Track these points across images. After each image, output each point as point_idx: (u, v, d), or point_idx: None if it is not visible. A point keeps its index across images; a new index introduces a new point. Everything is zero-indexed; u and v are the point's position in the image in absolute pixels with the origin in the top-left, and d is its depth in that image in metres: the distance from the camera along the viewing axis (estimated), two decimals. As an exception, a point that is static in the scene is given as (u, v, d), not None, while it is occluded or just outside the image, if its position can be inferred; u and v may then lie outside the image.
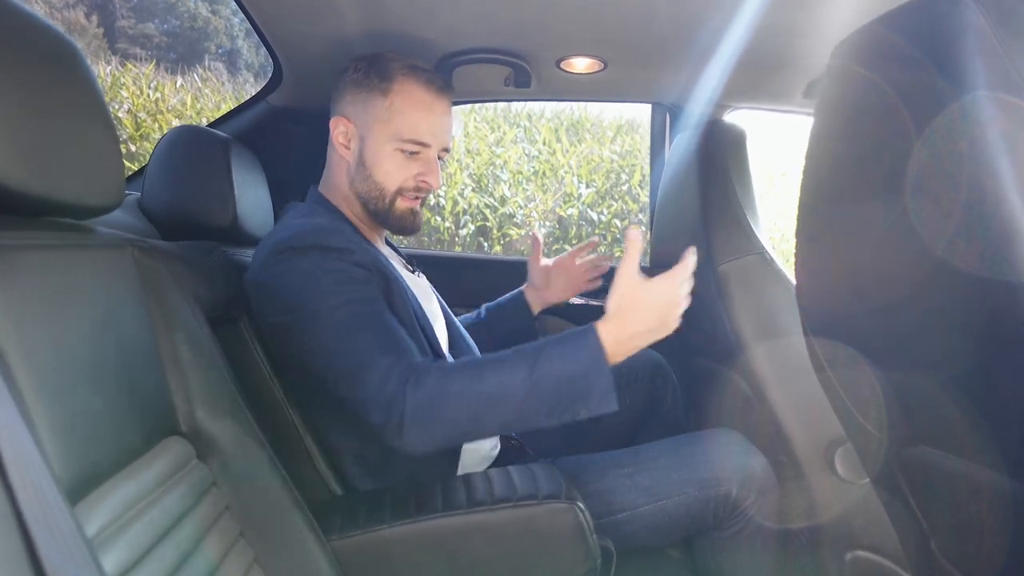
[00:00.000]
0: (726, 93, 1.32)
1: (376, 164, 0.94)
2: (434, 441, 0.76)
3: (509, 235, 4.80)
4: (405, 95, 0.93)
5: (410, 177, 0.95)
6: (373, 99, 0.93)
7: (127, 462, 0.57)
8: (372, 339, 0.79)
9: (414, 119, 0.93)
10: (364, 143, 0.95)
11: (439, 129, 0.95)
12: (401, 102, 0.93)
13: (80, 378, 0.52)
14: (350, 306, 0.81)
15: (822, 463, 1.10)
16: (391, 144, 0.93)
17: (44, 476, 0.38)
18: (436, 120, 0.94)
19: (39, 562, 0.31)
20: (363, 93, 0.94)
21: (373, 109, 0.94)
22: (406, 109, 0.93)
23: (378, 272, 0.88)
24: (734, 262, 1.15)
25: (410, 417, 0.74)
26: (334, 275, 0.82)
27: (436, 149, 0.96)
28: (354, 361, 0.78)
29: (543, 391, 0.75)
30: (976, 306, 0.48)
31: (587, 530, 0.78)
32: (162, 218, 1.10)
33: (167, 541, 0.58)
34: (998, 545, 0.56)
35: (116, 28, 10.44)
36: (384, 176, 0.94)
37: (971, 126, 0.46)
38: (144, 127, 5.07)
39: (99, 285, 0.60)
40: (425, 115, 0.93)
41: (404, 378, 0.75)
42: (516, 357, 0.78)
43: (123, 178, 0.63)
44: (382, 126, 0.93)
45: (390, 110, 0.93)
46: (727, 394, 1.21)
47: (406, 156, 0.94)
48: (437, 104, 0.95)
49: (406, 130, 0.93)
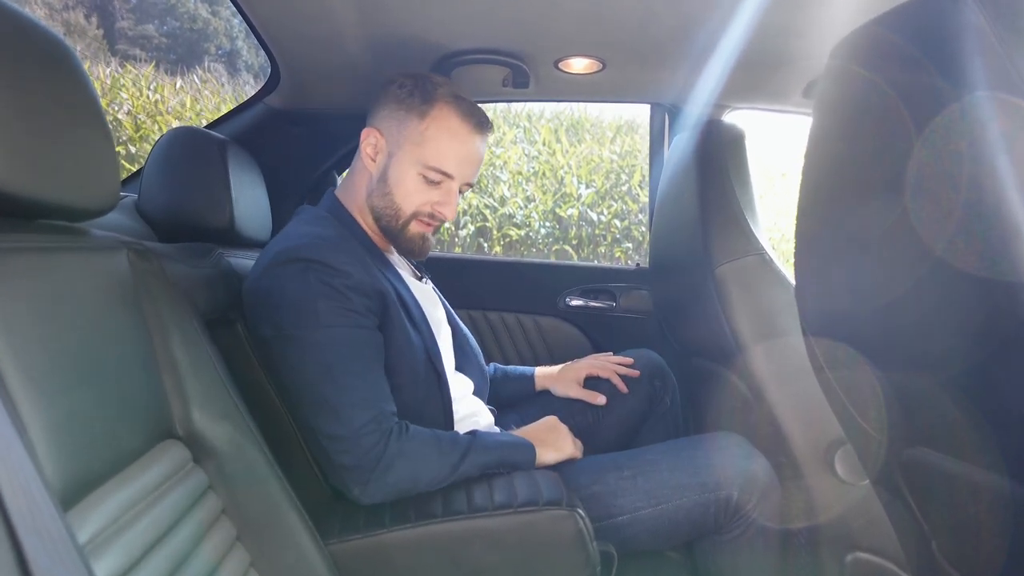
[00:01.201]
0: (725, 93, 1.32)
1: (398, 184, 0.94)
2: (388, 494, 0.82)
3: (509, 235, 4.80)
4: (442, 122, 0.93)
5: (428, 203, 0.95)
6: (410, 119, 0.93)
7: (122, 466, 0.57)
8: (354, 382, 0.81)
9: (445, 148, 0.93)
10: (391, 159, 0.95)
11: (467, 163, 0.95)
12: (436, 128, 0.93)
13: (74, 382, 0.52)
14: (339, 342, 0.82)
15: (822, 464, 1.10)
16: (416, 167, 0.93)
17: (35, 482, 0.37)
18: (466, 154, 0.94)
19: (28, 568, 0.31)
20: (402, 111, 0.94)
21: (407, 129, 0.94)
22: (440, 136, 0.93)
23: (376, 295, 0.87)
24: (733, 263, 1.15)
25: (383, 469, 0.79)
26: (329, 301, 0.82)
27: (459, 182, 0.96)
28: (333, 400, 0.80)
29: (478, 459, 0.87)
30: (976, 306, 0.48)
31: (587, 537, 0.78)
32: (159, 220, 1.10)
33: (163, 546, 0.58)
34: (998, 547, 0.56)
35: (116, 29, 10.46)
36: (403, 197, 0.94)
37: (971, 126, 0.45)
38: (144, 128, 5.07)
39: (94, 288, 0.59)
40: (457, 147, 0.93)
41: (386, 432, 0.80)
42: (460, 436, 0.89)
43: (118, 180, 0.63)
44: (412, 147, 0.93)
45: (424, 134, 0.93)
46: (726, 395, 1.20)
47: (428, 183, 0.94)
48: (471, 138, 0.95)
49: (434, 157, 0.93)
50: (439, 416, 0.93)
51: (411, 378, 0.90)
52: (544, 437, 0.96)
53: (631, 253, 4.87)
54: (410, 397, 0.88)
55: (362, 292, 0.85)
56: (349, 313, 0.83)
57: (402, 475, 0.81)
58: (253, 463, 0.71)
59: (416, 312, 0.94)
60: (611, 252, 4.89)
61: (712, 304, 1.17)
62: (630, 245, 4.89)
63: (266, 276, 0.85)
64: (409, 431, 0.83)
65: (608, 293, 1.69)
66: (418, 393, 0.90)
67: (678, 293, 1.36)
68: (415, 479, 0.82)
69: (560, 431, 0.99)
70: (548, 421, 1.01)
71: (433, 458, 0.83)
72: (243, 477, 0.70)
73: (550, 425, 1.00)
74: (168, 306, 0.69)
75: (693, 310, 1.28)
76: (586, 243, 4.89)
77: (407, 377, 0.89)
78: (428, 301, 1.02)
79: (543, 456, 0.93)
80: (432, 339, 0.95)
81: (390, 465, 0.79)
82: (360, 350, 0.83)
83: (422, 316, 0.95)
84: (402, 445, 0.80)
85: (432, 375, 0.92)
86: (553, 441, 0.96)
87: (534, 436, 0.95)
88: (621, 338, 1.58)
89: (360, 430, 0.79)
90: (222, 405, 0.70)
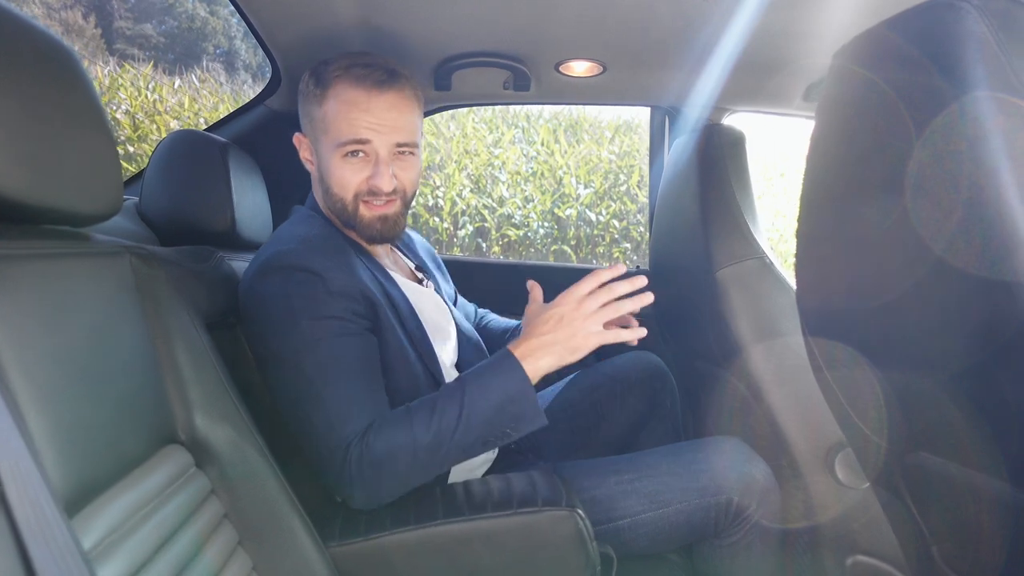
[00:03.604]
0: (725, 96, 1.32)
1: (330, 175, 0.91)
2: (380, 498, 0.79)
3: (508, 236, 4.80)
4: (337, 97, 0.88)
5: (363, 181, 0.90)
6: (312, 110, 0.90)
7: (126, 472, 0.57)
8: (331, 399, 0.78)
9: (346, 119, 0.87)
10: (318, 156, 0.92)
11: (377, 123, 0.88)
12: (334, 107, 0.88)
13: (78, 388, 0.52)
14: (321, 359, 0.79)
15: (822, 467, 1.10)
16: (334, 151, 0.89)
17: (41, 489, 0.37)
18: (374, 116, 0.88)
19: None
20: (307, 105, 0.91)
21: (315, 120, 0.91)
22: (339, 111, 0.88)
23: (363, 299, 0.84)
24: (734, 266, 1.15)
25: (358, 478, 0.76)
26: (312, 313, 0.80)
27: (384, 146, 0.89)
28: (310, 414, 0.79)
29: (476, 426, 0.78)
30: (976, 306, 0.48)
31: (587, 537, 0.78)
32: (160, 223, 1.10)
33: (166, 550, 0.58)
34: (998, 551, 0.56)
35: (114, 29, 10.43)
36: (339, 186, 0.90)
37: (971, 126, 0.46)
38: (142, 128, 5.06)
39: (96, 293, 0.60)
40: (358, 113, 0.87)
41: (350, 441, 0.77)
42: (445, 400, 0.80)
43: (121, 185, 0.63)
44: (324, 135, 0.90)
45: (326, 117, 0.89)
46: (727, 398, 1.21)
47: (354, 160, 0.89)
48: (374, 100, 0.88)
49: (342, 132, 0.88)
50: None
51: (406, 381, 0.88)
52: (547, 337, 0.81)
53: (630, 253, 4.87)
54: (406, 399, 0.86)
55: (347, 296, 0.82)
56: (333, 320, 0.80)
57: (382, 484, 0.78)
58: (254, 467, 0.71)
59: (408, 314, 0.92)
60: (609, 252, 4.90)
61: (713, 307, 1.17)
62: (628, 245, 4.89)
63: (252, 287, 0.84)
64: (368, 441, 0.76)
65: None
66: (413, 394, 0.88)
67: (678, 296, 1.36)
68: (402, 482, 0.79)
69: (565, 316, 0.81)
70: (554, 308, 0.82)
71: (407, 459, 0.77)
72: (245, 481, 0.70)
73: (550, 315, 0.82)
74: (171, 311, 0.69)
75: (694, 313, 1.28)
76: (585, 243, 4.89)
77: (401, 380, 0.87)
78: (425, 303, 1.00)
79: (539, 365, 0.81)
80: (426, 342, 0.92)
81: (363, 480, 0.76)
82: (342, 361, 0.80)
83: (415, 319, 0.93)
84: (367, 453, 0.76)
85: (428, 377, 0.91)
86: (565, 338, 0.81)
87: (536, 343, 0.81)
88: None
89: (331, 448, 0.77)
90: (224, 409, 0.70)
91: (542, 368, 0.81)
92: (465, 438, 0.78)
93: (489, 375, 0.81)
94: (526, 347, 0.81)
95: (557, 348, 0.81)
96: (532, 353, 0.81)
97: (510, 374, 0.80)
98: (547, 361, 0.81)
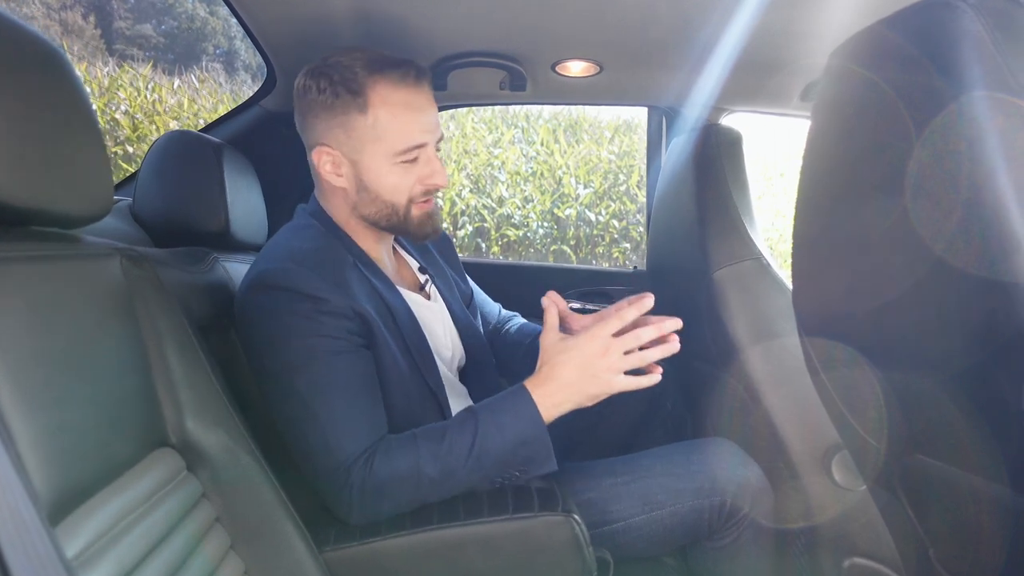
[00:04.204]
0: (722, 96, 1.31)
1: (380, 184, 0.88)
2: (378, 519, 0.79)
3: (507, 236, 4.80)
4: (384, 101, 0.84)
5: (417, 183, 0.88)
6: (352, 120, 0.85)
7: (114, 476, 0.56)
8: (326, 421, 0.77)
9: (402, 124, 0.85)
10: (358, 167, 0.87)
11: (428, 123, 0.87)
12: (384, 114, 0.84)
13: (65, 392, 0.52)
14: (311, 370, 0.78)
15: (819, 469, 1.10)
16: (389, 160, 0.86)
17: (20, 496, 0.37)
18: (424, 116, 0.86)
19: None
20: (339, 116, 0.85)
21: (357, 130, 0.85)
22: (391, 117, 0.85)
23: (357, 317, 0.82)
24: (731, 267, 1.15)
25: (358, 501, 0.76)
26: (301, 333, 0.78)
27: (434, 143, 0.89)
28: (306, 433, 0.78)
29: (486, 465, 0.78)
30: (975, 306, 0.48)
31: (583, 543, 0.78)
32: (154, 224, 1.09)
33: (156, 556, 0.57)
34: (996, 555, 0.56)
35: (113, 29, 10.43)
36: (393, 193, 0.88)
37: (970, 126, 0.45)
38: (141, 128, 5.06)
39: (87, 296, 0.59)
40: (412, 115, 0.85)
41: (355, 465, 0.76)
42: (455, 432, 0.78)
43: (111, 186, 0.62)
44: (373, 145, 0.86)
45: (376, 126, 0.85)
46: (725, 399, 1.20)
47: (407, 165, 0.87)
48: (417, 98, 0.86)
49: (400, 140, 0.85)
50: None
51: (404, 398, 0.86)
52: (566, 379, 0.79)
53: (629, 253, 4.87)
54: (405, 415, 0.85)
55: (339, 315, 0.80)
56: (326, 340, 0.79)
57: (382, 509, 0.78)
58: (247, 470, 0.71)
59: (409, 326, 0.89)
60: (609, 252, 4.89)
61: (710, 308, 1.17)
62: (628, 245, 4.89)
63: (244, 301, 0.83)
64: (372, 467, 0.76)
65: (606, 296, 1.69)
66: (414, 411, 0.87)
67: (676, 296, 1.35)
68: (402, 508, 0.79)
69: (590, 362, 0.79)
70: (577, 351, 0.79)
71: (410, 490, 0.77)
72: (237, 485, 0.70)
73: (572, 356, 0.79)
74: (162, 313, 0.69)
75: (691, 314, 1.28)
76: (584, 243, 4.89)
77: (401, 397, 0.86)
78: (431, 318, 0.97)
79: (556, 408, 0.79)
80: (427, 353, 0.90)
81: (363, 504, 0.76)
82: (337, 380, 0.78)
83: (417, 331, 0.90)
84: (371, 477, 0.76)
85: (425, 391, 0.89)
86: (587, 384, 0.79)
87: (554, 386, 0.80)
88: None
89: (331, 467, 0.76)
90: (216, 412, 0.70)
91: (559, 411, 0.80)
92: (472, 476, 0.78)
93: (503, 414, 0.79)
94: (544, 389, 0.80)
95: (576, 394, 0.80)
96: (551, 396, 0.79)
97: (526, 416, 0.78)
98: (565, 406, 0.80)
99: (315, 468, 0.78)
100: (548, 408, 0.79)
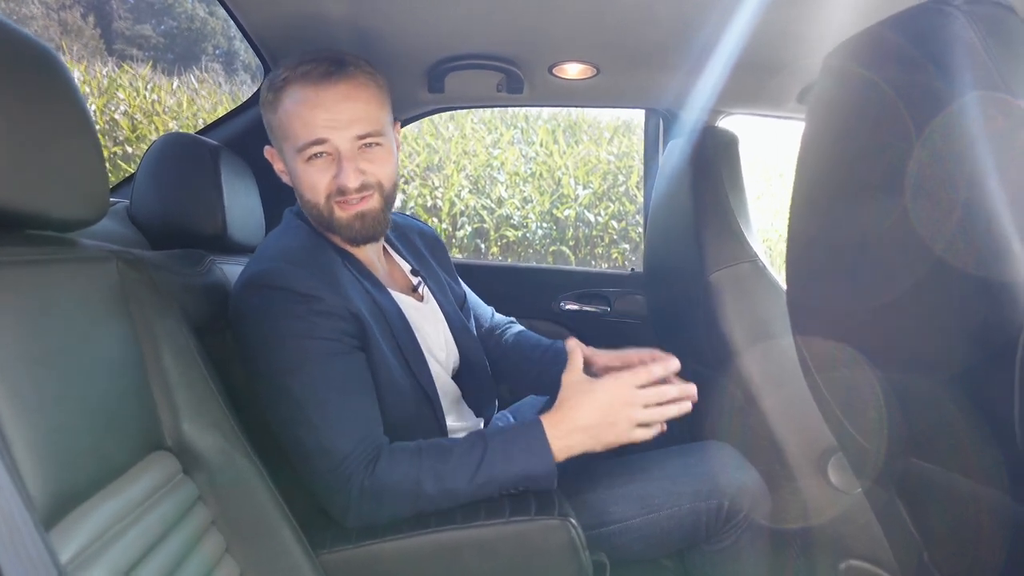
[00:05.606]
0: (720, 99, 1.32)
1: (299, 182, 0.88)
2: (375, 523, 0.79)
3: (506, 236, 4.80)
4: (288, 100, 0.84)
5: (330, 181, 0.86)
6: (270, 118, 0.88)
7: (110, 479, 0.56)
8: (322, 422, 0.77)
9: (299, 121, 0.84)
10: (287, 166, 0.90)
11: (334, 118, 0.83)
12: (286, 112, 0.85)
13: (60, 395, 0.52)
14: (306, 372, 0.78)
15: (816, 472, 1.10)
16: (297, 158, 0.86)
17: (14, 499, 0.37)
18: (327, 111, 0.83)
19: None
20: (266, 116, 0.89)
21: (273, 128, 0.88)
22: (291, 113, 0.84)
23: (351, 317, 0.82)
24: (727, 270, 1.15)
25: (356, 503, 0.76)
26: (295, 334, 0.78)
27: (344, 141, 0.84)
28: (302, 435, 0.78)
29: (487, 490, 0.79)
30: (974, 306, 0.48)
31: (579, 546, 0.78)
32: (151, 226, 1.09)
33: (151, 559, 0.57)
34: (991, 559, 0.56)
35: (113, 29, 10.42)
36: (310, 192, 0.87)
37: (964, 128, 0.46)
38: (140, 129, 5.06)
39: (82, 299, 0.59)
40: (313, 112, 0.83)
41: (354, 467, 0.76)
42: (461, 455, 0.79)
43: (107, 189, 0.62)
44: (284, 143, 0.87)
45: (282, 123, 0.86)
46: (721, 401, 1.20)
47: (318, 161, 0.85)
48: (324, 94, 0.83)
49: (299, 136, 0.84)
50: (433, 436, 0.88)
51: (398, 399, 0.86)
52: (585, 422, 0.80)
53: (628, 254, 4.87)
54: (399, 417, 0.86)
55: (333, 315, 0.80)
56: (321, 341, 0.79)
57: (379, 517, 0.78)
58: (243, 473, 0.71)
59: (400, 327, 0.89)
60: (608, 253, 4.89)
61: (706, 310, 1.17)
62: (627, 246, 4.89)
63: (238, 302, 0.83)
64: (373, 474, 0.76)
65: (603, 298, 1.69)
66: (407, 412, 0.88)
67: (672, 298, 1.35)
68: (399, 516, 0.79)
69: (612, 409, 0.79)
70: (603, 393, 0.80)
71: (407, 503, 0.77)
72: (233, 487, 0.70)
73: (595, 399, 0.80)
74: (158, 316, 0.69)
75: (687, 316, 1.28)
76: (583, 244, 4.89)
77: (393, 398, 0.86)
78: (423, 319, 0.97)
79: (569, 448, 0.80)
80: (418, 355, 0.91)
81: (360, 510, 0.77)
82: (332, 382, 0.78)
83: (408, 332, 0.90)
84: (370, 482, 0.76)
85: (417, 392, 0.90)
86: (604, 430, 0.79)
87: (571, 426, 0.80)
88: (615, 343, 1.58)
89: (330, 468, 0.76)
90: (212, 415, 0.70)
91: (570, 452, 0.80)
92: (471, 496, 0.79)
93: (514, 444, 0.80)
94: (560, 429, 0.80)
95: (590, 439, 0.80)
96: (565, 437, 0.80)
97: (538, 453, 0.79)
98: (576, 449, 0.80)
99: (312, 469, 0.78)
100: (560, 449, 0.80)
